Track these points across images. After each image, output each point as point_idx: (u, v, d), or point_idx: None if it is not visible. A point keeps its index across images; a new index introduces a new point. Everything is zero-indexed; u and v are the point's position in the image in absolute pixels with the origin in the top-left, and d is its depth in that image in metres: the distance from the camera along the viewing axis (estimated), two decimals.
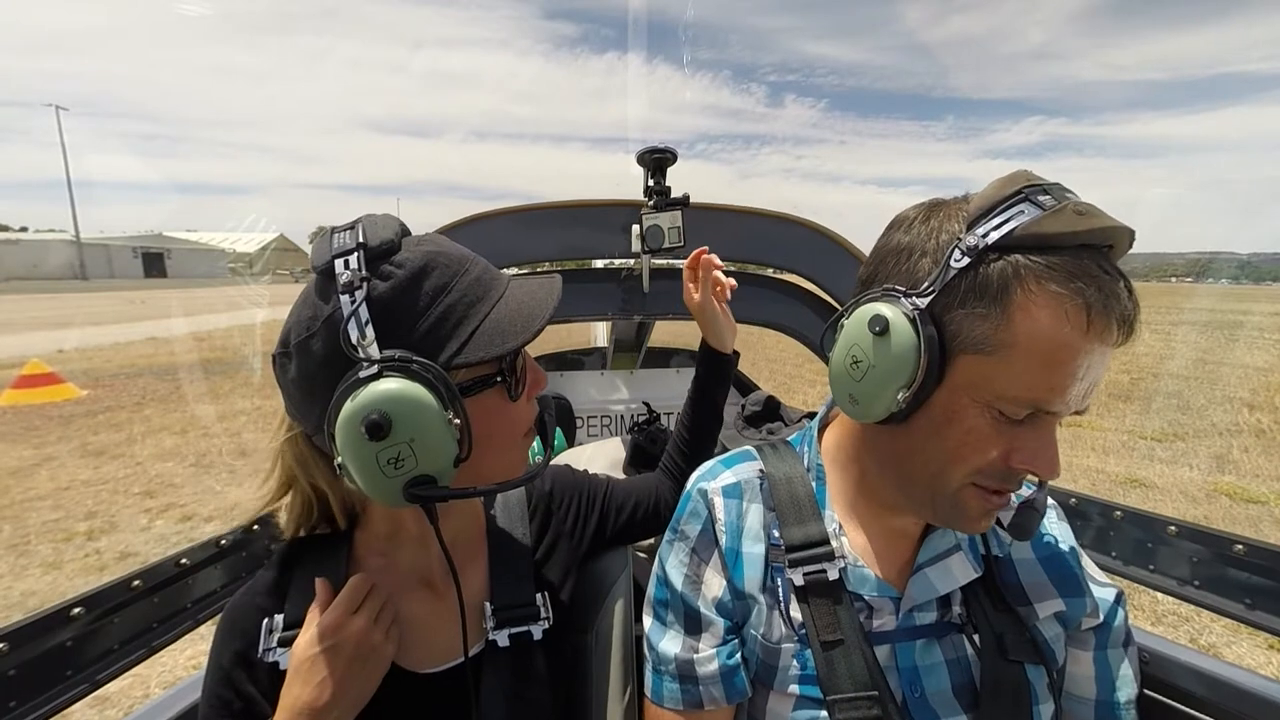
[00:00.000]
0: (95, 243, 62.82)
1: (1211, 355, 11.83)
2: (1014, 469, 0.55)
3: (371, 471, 0.53)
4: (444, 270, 0.59)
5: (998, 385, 0.52)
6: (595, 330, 3.26)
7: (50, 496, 4.08)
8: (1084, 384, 0.52)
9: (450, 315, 0.58)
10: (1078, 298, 0.49)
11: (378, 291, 0.55)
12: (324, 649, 0.60)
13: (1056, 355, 0.50)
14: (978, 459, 0.55)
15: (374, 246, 0.56)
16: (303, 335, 0.56)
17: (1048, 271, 0.50)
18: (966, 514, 0.59)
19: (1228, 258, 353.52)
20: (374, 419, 0.51)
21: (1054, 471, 0.55)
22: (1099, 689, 0.68)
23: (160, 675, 2.31)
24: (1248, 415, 6.64)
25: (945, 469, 0.57)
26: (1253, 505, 4.07)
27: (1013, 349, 0.51)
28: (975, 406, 0.54)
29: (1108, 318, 0.50)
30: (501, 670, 0.69)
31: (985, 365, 0.53)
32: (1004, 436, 0.54)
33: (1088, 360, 0.51)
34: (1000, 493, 0.57)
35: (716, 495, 0.74)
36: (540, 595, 0.75)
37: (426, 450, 0.54)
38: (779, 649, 0.66)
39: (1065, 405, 0.52)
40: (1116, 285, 0.50)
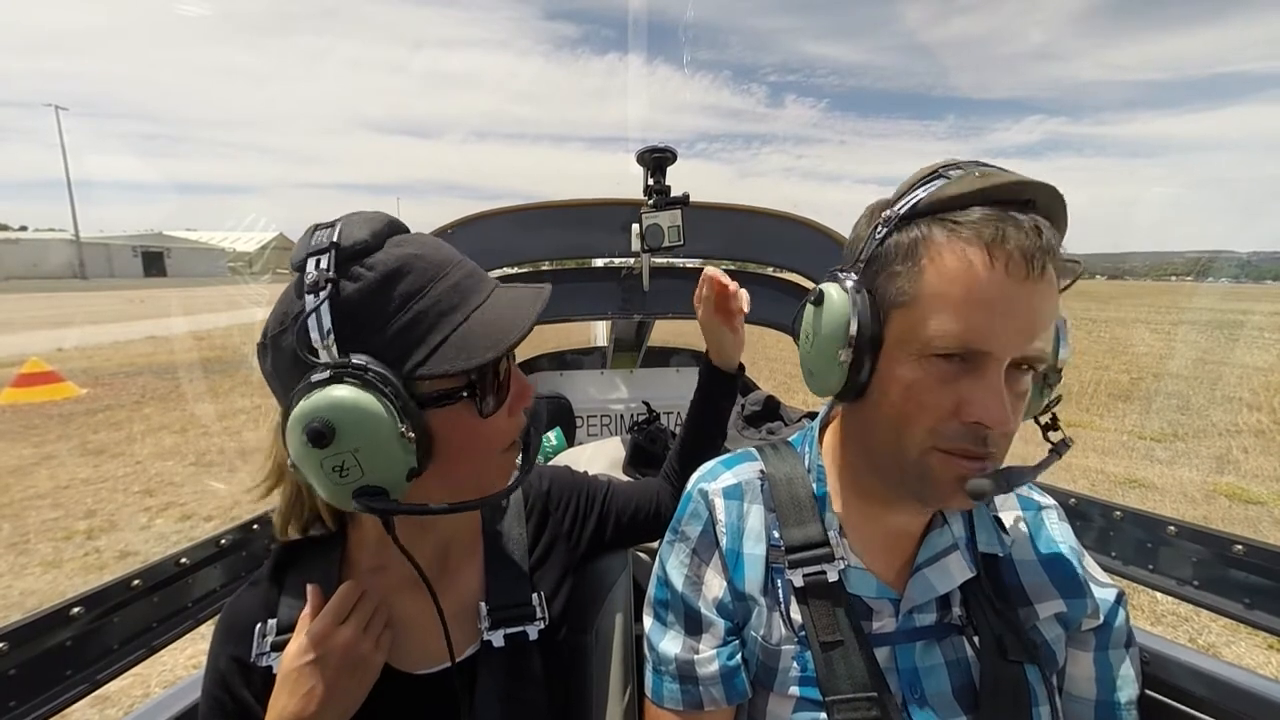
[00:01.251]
0: (95, 242, 62.73)
1: (1211, 355, 11.83)
2: (965, 423, 0.55)
3: (318, 476, 0.52)
4: (419, 274, 0.57)
5: (923, 332, 0.55)
6: (595, 329, 3.26)
7: (50, 495, 4.08)
8: (1012, 323, 0.53)
9: (419, 322, 0.55)
10: (975, 238, 0.53)
11: (345, 293, 0.54)
12: (311, 659, 0.59)
13: (967, 293, 0.53)
14: (928, 416, 0.56)
15: (346, 247, 0.55)
16: (276, 330, 0.56)
17: (950, 224, 0.55)
18: (935, 481, 0.57)
19: (1228, 257, 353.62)
20: (316, 426, 0.50)
21: (1000, 420, 0.53)
22: (1099, 690, 0.68)
23: (160, 675, 2.31)
24: (1248, 415, 6.64)
25: (902, 433, 0.58)
26: (1252, 506, 4.07)
27: (928, 295, 0.55)
28: (912, 360, 0.57)
29: (1008, 252, 0.52)
30: (496, 671, 0.69)
31: (910, 316, 0.57)
32: (949, 389, 0.55)
33: (1002, 295, 0.53)
34: (966, 456, 0.56)
35: (717, 496, 0.74)
36: (536, 596, 0.75)
37: (374, 461, 0.52)
38: (779, 651, 0.66)
39: (998, 344, 0.53)
40: (1019, 224, 0.53)
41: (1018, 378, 0.56)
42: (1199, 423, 6.40)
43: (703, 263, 1.55)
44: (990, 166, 0.58)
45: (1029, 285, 0.53)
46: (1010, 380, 0.55)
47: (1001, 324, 0.53)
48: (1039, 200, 0.56)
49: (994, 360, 0.54)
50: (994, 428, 0.54)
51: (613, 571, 0.92)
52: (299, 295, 0.55)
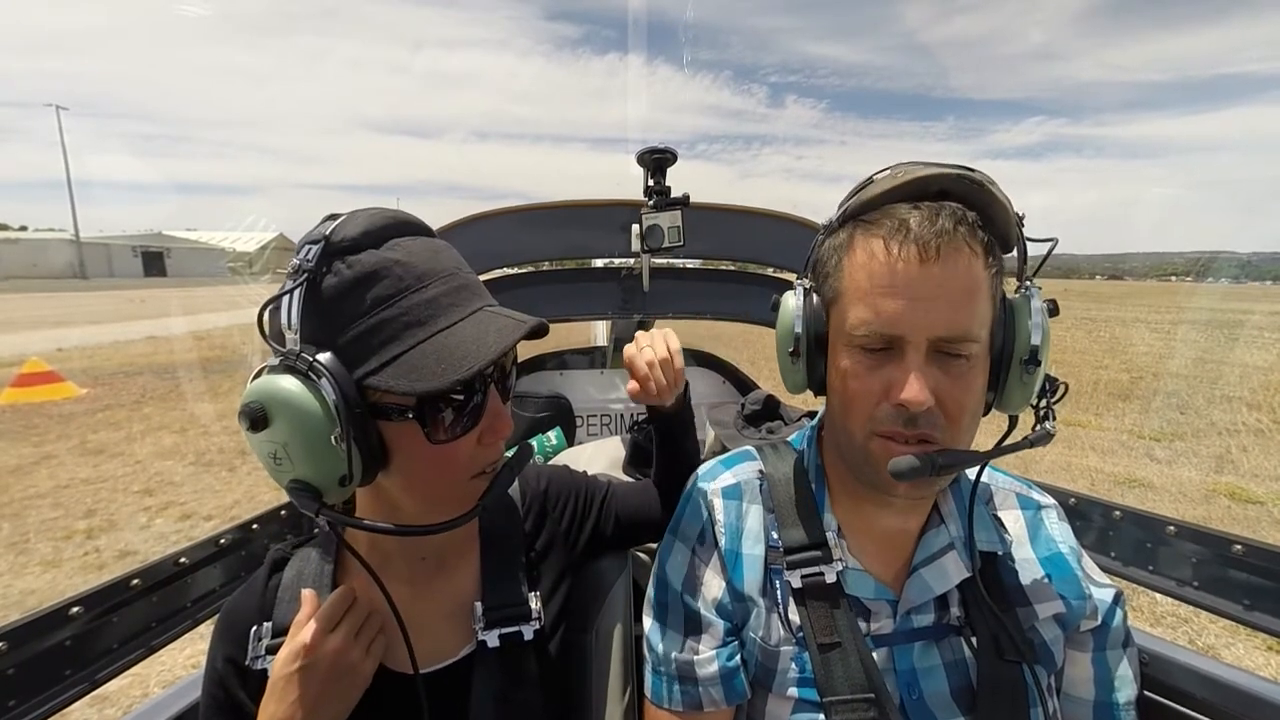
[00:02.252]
0: (95, 242, 62.70)
1: (1211, 354, 11.84)
2: (894, 405, 0.57)
3: (264, 459, 0.54)
4: (394, 281, 0.55)
5: (847, 321, 0.61)
6: (595, 329, 3.25)
7: (50, 495, 4.07)
8: (918, 306, 0.56)
9: (380, 330, 0.54)
10: (877, 232, 0.59)
11: (323, 285, 0.54)
12: (299, 668, 0.59)
13: (872, 282, 0.58)
14: (863, 402, 0.60)
15: (335, 241, 0.55)
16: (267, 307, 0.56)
17: (864, 224, 0.61)
18: (875, 465, 0.60)
19: (1228, 257, 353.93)
20: (253, 409, 0.51)
21: (918, 399, 0.55)
22: (1098, 690, 0.68)
23: (160, 674, 2.31)
24: (1247, 415, 6.64)
25: (847, 419, 0.62)
26: (1252, 506, 4.07)
27: (848, 288, 0.61)
28: (845, 350, 0.62)
29: (903, 241, 0.57)
30: (491, 671, 0.69)
31: (839, 310, 0.62)
32: (878, 375, 0.59)
33: (904, 281, 0.56)
34: (899, 439, 0.58)
35: (716, 497, 0.74)
36: (533, 596, 0.74)
37: (303, 459, 0.52)
38: (777, 652, 0.66)
39: (907, 327, 0.56)
40: (921, 213, 0.57)
41: (947, 361, 0.57)
42: (1198, 422, 6.40)
43: (703, 263, 1.55)
44: (916, 164, 0.60)
45: (930, 268, 0.56)
46: (941, 362, 0.57)
47: (907, 308, 0.56)
48: (953, 190, 0.59)
49: (908, 343, 0.57)
50: (913, 407, 0.56)
51: (612, 571, 0.92)
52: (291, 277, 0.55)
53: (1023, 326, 0.60)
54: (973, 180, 0.58)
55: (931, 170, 0.58)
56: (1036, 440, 0.59)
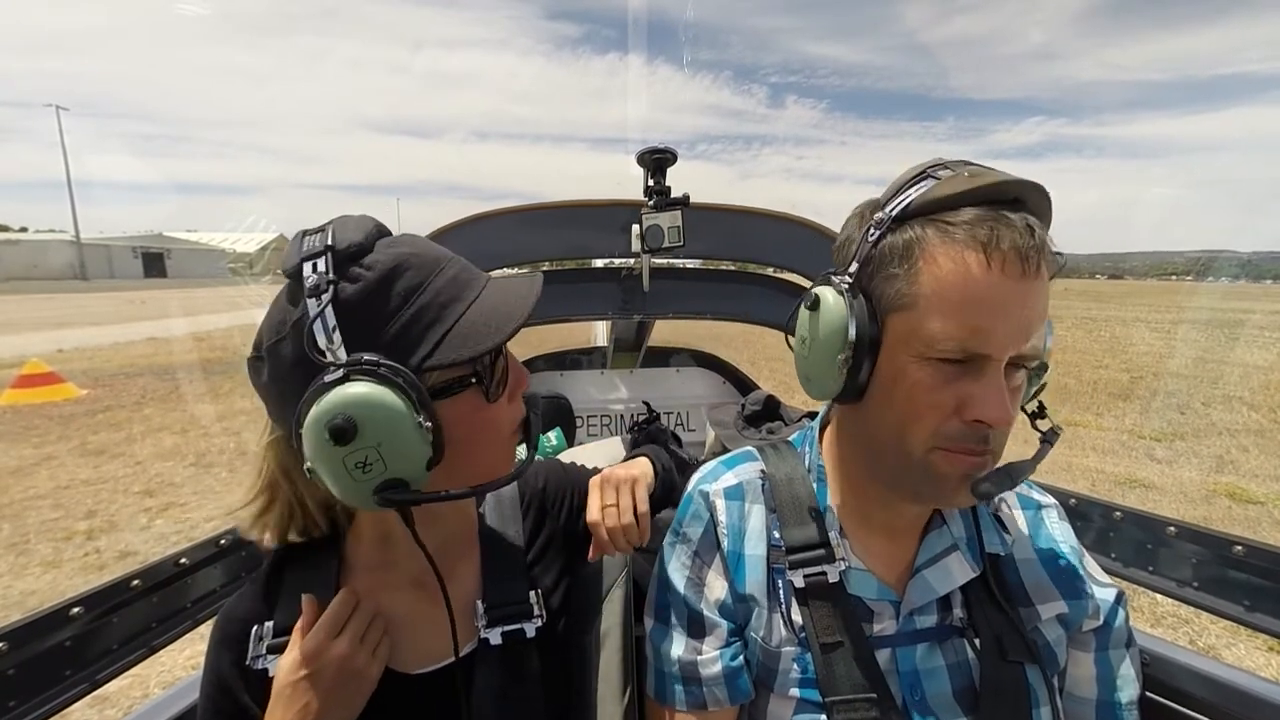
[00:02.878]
0: (95, 243, 62.66)
1: (1212, 354, 11.83)
2: (967, 422, 0.55)
3: (340, 475, 0.52)
4: (416, 271, 0.57)
5: (923, 334, 0.56)
6: (595, 330, 3.26)
7: (50, 495, 4.08)
8: (1010, 323, 0.54)
9: (422, 317, 0.56)
10: (970, 239, 0.54)
11: (345, 294, 0.54)
12: (305, 675, 0.59)
13: (965, 296, 0.54)
14: (931, 416, 0.57)
15: (341, 249, 0.55)
16: (273, 339, 0.56)
17: (944, 225, 0.55)
18: (939, 479, 0.58)
19: (1229, 256, 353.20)
20: (338, 423, 0.50)
21: (1003, 418, 0.54)
22: (1100, 690, 0.68)
23: (159, 675, 2.31)
24: (1247, 415, 6.64)
25: (905, 434, 0.58)
26: (1252, 506, 4.07)
27: (926, 297, 0.56)
28: (913, 361, 0.57)
29: (1002, 252, 0.53)
30: (493, 669, 0.69)
31: (909, 319, 0.57)
32: (951, 389, 0.56)
33: (999, 296, 0.53)
34: (969, 454, 0.57)
35: (718, 497, 0.74)
36: (534, 593, 0.74)
37: (395, 454, 0.53)
38: (779, 652, 0.66)
39: (997, 345, 0.54)
40: (1011, 224, 0.53)
41: (1012, 374, 0.57)
42: (1199, 422, 6.40)
43: (703, 263, 1.55)
44: (977, 166, 0.58)
45: (1024, 284, 0.53)
46: (1006, 377, 0.56)
47: (1000, 325, 0.54)
48: (1027, 199, 0.57)
49: (993, 361, 0.54)
50: (996, 426, 0.55)
51: (612, 572, 0.92)
52: (294, 302, 0.55)
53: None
54: (1045, 192, 0.56)
55: (1007, 177, 0.56)
56: (1051, 438, 0.61)
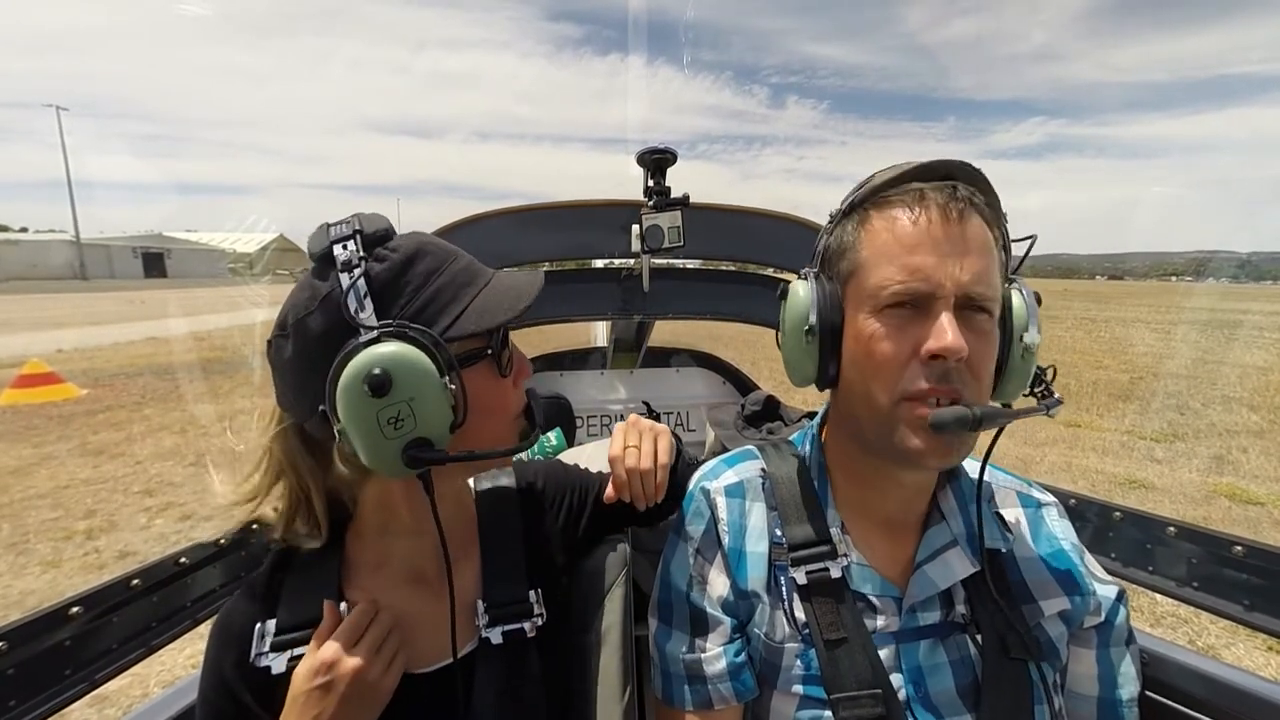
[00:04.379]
0: (95, 243, 62.62)
1: (1211, 355, 11.84)
2: (925, 361, 0.58)
3: (372, 432, 0.55)
4: (434, 257, 0.63)
5: (870, 287, 0.62)
6: (595, 330, 3.26)
7: (50, 495, 4.07)
8: (944, 258, 0.58)
9: (442, 294, 0.61)
10: (900, 203, 0.62)
11: (374, 271, 0.58)
12: (319, 685, 0.59)
13: (898, 241, 0.60)
14: (892, 366, 0.60)
15: (369, 233, 0.60)
16: (300, 315, 0.59)
17: (877, 203, 0.64)
18: (907, 431, 0.60)
19: (1227, 257, 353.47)
20: (376, 375, 0.53)
21: (954, 346, 0.56)
22: (1101, 687, 0.69)
23: (159, 674, 2.31)
24: (1247, 415, 6.64)
25: (872, 390, 0.62)
26: (1252, 506, 4.07)
27: (868, 256, 0.63)
28: (870, 318, 0.62)
29: (926, 204, 0.60)
30: (494, 668, 0.69)
31: (859, 280, 0.63)
32: (906, 334, 0.60)
33: (931, 236, 0.59)
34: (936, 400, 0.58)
35: (719, 495, 0.74)
36: (534, 592, 0.75)
37: (424, 412, 0.56)
38: (782, 648, 0.66)
39: (935, 281, 0.58)
40: (937, 187, 0.61)
41: (970, 316, 0.59)
42: (1198, 423, 6.40)
43: (703, 263, 1.55)
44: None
45: (952, 226, 0.59)
46: (964, 320, 0.58)
47: (935, 261, 0.58)
48: (956, 175, 0.63)
49: (938, 299, 0.58)
50: (949, 356, 0.57)
51: (612, 571, 0.92)
52: (321, 278, 0.59)
53: (1019, 312, 0.62)
54: (974, 168, 0.62)
55: (936, 159, 0.62)
56: (1051, 405, 0.61)
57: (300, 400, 0.61)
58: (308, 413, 0.60)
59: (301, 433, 0.65)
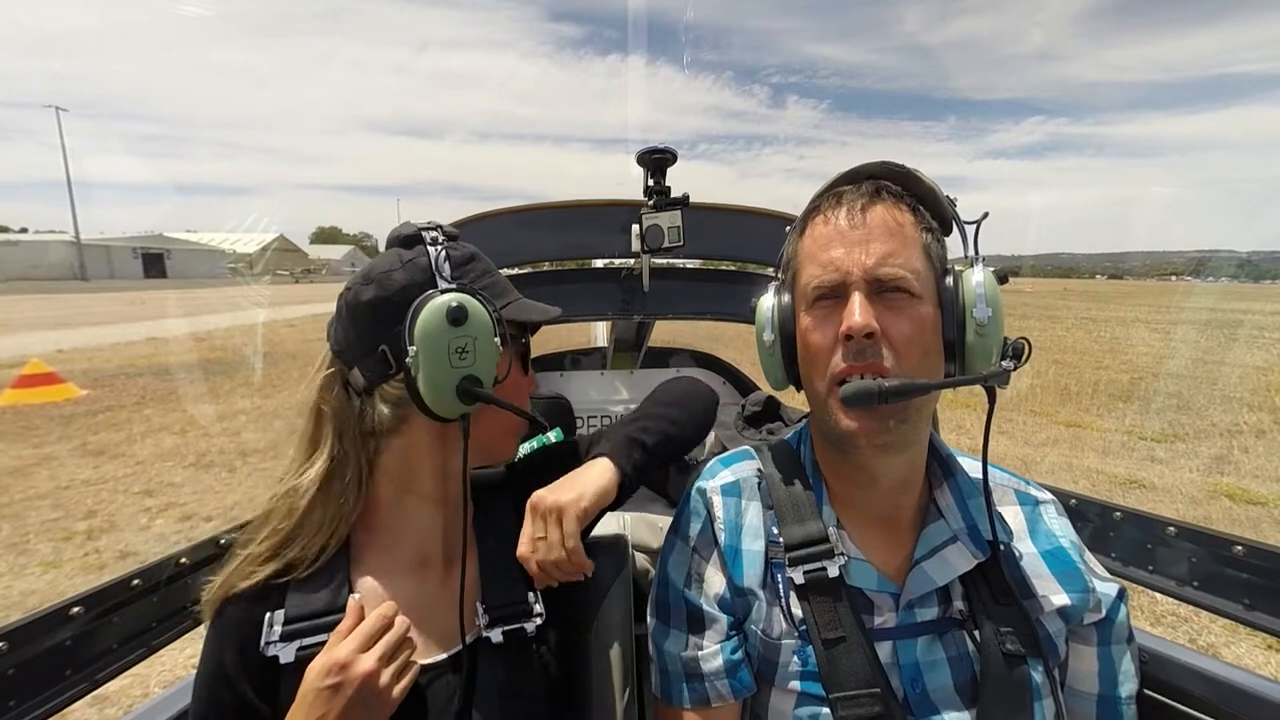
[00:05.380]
0: (95, 243, 62.61)
1: (1211, 354, 11.83)
2: (843, 342, 0.63)
3: (441, 359, 0.64)
4: (484, 263, 0.75)
5: (801, 284, 0.69)
6: (595, 330, 3.26)
7: (50, 495, 4.08)
8: (851, 249, 0.64)
9: (494, 287, 0.74)
10: (824, 207, 0.69)
11: (452, 253, 0.71)
12: (330, 684, 0.60)
13: (815, 241, 0.68)
14: (823, 354, 0.65)
15: (446, 229, 0.73)
16: (385, 269, 0.68)
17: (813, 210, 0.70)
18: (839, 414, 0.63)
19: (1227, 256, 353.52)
20: (457, 307, 0.64)
21: (857, 323, 0.61)
22: (1101, 684, 0.69)
23: (160, 674, 2.31)
24: (1247, 415, 6.64)
25: (813, 379, 0.68)
26: (1253, 506, 4.07)
27: (801, 260, 0.70)
28: (805, 312, 0.68)
29: (835, 204, 0.67)
30: (495, 666, 0.70)
31: (798, 283, 0.70)
32: (830, 323, 0.65)
33: (839, 232, 0.66)
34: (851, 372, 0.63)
35: (715, 494, 0.74)
36: (532, 593, 0.75)
37: (483, 353, 0.66)
38: (779, 645, 0.67)
39: (844, 270, 0.64)
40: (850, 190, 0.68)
41: (887, 297, 0.62)
42: (1198, 423, 6.40)
43: (703, 263, 1.55)
44: None
45: (857, 217, 0.65)
46: (882, 300, 0.62)
47: (844, 253, 0.64)
48: (879, 174, 0.69)
49: (849, 285, 0.63)
50: (855, 333, 0.60)
51: (612, 571, 0.92)
52: (408, 248, 0.71)
53: (968, 288, 0.63)
54: (895, 165, 0.68)
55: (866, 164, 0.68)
56: (992, 376, 0.60)
57: (362, 340, 0.68)
58: (365, 353, 0.68)
59: (344, 382, 0.70)
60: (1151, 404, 7.31)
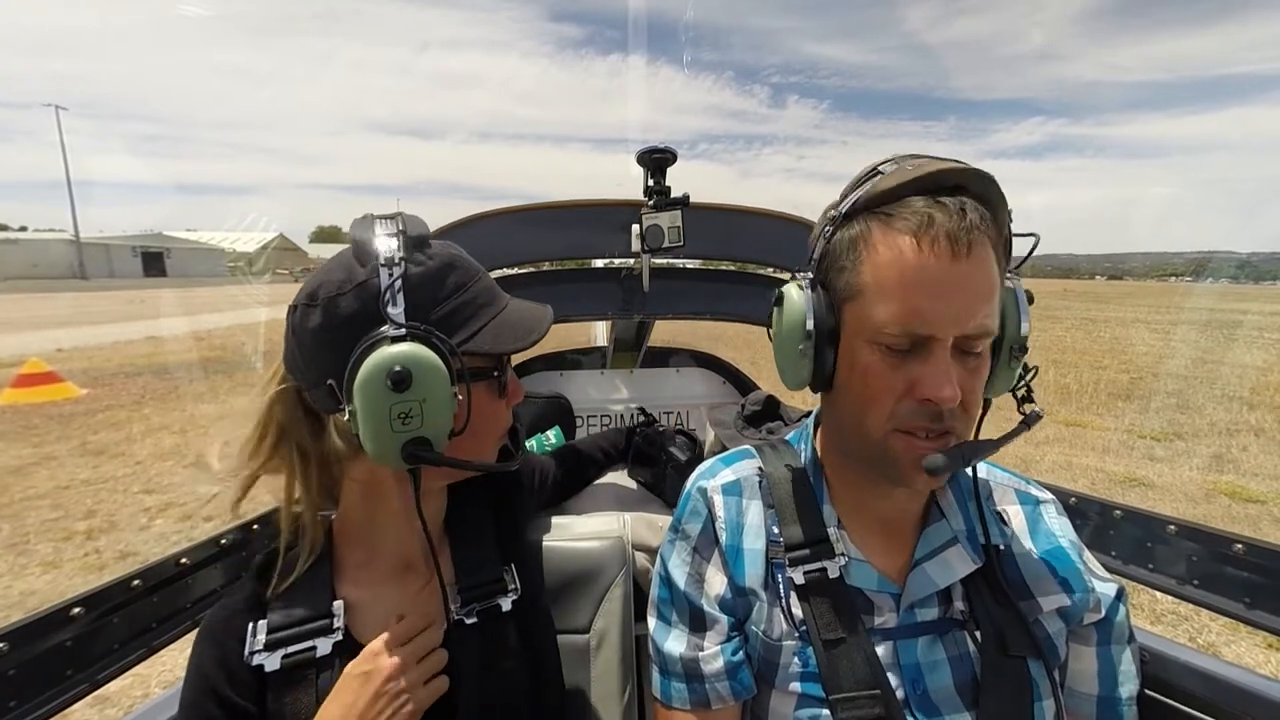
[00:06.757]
0: (95, 242, 62.49)
1: (1210, 354, 11.84)
2: (919, 402, 0.58)
3: (382, 423, 0.58)
4: (465, 271, 0.67)
5: (871, 321, 0.59)
6: (595, 330, 3.26)
7: (49, 495, 4.07)
8: (948, 303, 0.56)
9: (465, 309, 0.65)
10: (905, 226, 0.57)
11: (411, 273, 0.61)
12: (360, 672, 0.63)
13: (903, 279, 0.57)
14: (885, 399, 0.59)
15: (412, 235, 0.63)
16: (333, 293, 0.61)
17: (884, 216, 0.59)
18: (897, 462, 0.60)
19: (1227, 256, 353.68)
20: (399, 371, 0.56)
21: (949, 396, 0.56)
22: (1101, 685, 0.69)
23: (160, 675, 2.31)
24: (1247, 414, 6.64)
25: (864, 417, 0.61)
26: (1252, 505, 4.07)
27: (870, 285, 0.59)
28: (866, 347, 0.60)
29: (933, 235, 0.56)
30: (470, 646, 0.72)
31: (858, 308, 0.61)
32: (901, 372, 0.58)
33: (935, 277, 0.56)
34: (927, 436, 0.59)
35: (716, 494, 0.74)
36: (508, 571, 0.78)
37: (432, 413, 0.59)
38: (780, 646, 0.66)
39: (937, 326, 0.56)
40: (944, 208, 0.56)
41: (964, 356, 0.58)
42: (1198, 422, 6.40)
43: (703, 263, 1.55)
44: (927, 157, 0.60)
45: (958, 265, 0.56)
46: (959, 357, 0.58)
47: (938, 306, 0.56)
48: (969, 185, 0.59)
49: (937, 341, 0.57)
50: (943, 404, 0.56)
51: (612, 571, 0.92)
52: (361, 264, 0.62)
53: (1013, 316, 0.62)
54: (985, 177, 0.58)
55: (945, 165, 0.57)
56: (1031, 421, 0.62)
57: (310, 369, 0.63)
58: (314, 382, 0.63)
59: (300, 397, 0.67)
60: (1151, 403, 7.31)
